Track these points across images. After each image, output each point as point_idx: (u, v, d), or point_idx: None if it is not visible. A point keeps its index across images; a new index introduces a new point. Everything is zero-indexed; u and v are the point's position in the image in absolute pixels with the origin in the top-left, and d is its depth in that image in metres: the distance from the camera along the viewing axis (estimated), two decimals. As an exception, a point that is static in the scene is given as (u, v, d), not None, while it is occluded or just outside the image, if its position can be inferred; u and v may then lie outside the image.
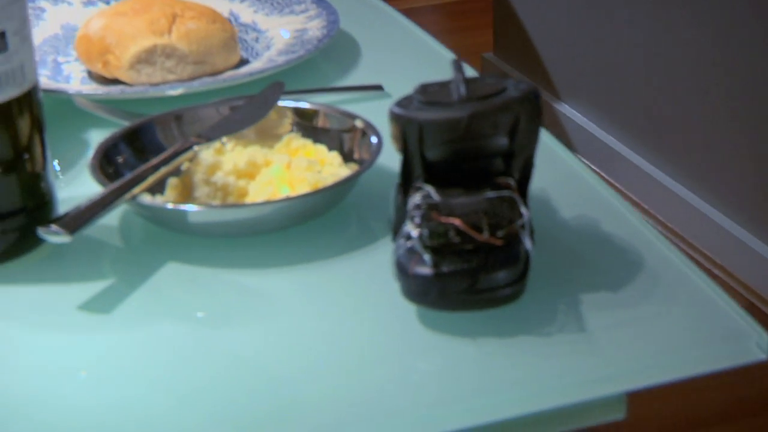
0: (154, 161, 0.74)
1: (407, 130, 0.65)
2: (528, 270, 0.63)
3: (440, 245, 0.62)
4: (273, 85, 0.86)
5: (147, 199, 0.72)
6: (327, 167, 0.77)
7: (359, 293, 0.69)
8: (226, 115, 0.81)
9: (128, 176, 0.72)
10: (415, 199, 0.64)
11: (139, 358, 0.65)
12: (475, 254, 0.62)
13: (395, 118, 0.66)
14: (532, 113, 0.65)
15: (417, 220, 0.62)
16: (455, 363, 0.63)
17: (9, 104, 0.69)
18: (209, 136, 0.77)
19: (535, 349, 0.62)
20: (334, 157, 0.79)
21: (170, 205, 0.72)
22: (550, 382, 0.61)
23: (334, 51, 1.03)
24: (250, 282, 0.71)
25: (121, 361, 0.65)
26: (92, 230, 0.75)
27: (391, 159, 0.72)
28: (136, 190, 0.71)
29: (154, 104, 0.91)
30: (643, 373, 0.60)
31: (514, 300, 0.63)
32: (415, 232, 0.63)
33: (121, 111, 0.89)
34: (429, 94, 0.67)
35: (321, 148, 0.79)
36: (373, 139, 0.76)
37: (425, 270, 0.63)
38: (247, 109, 0.82)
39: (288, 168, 0.76)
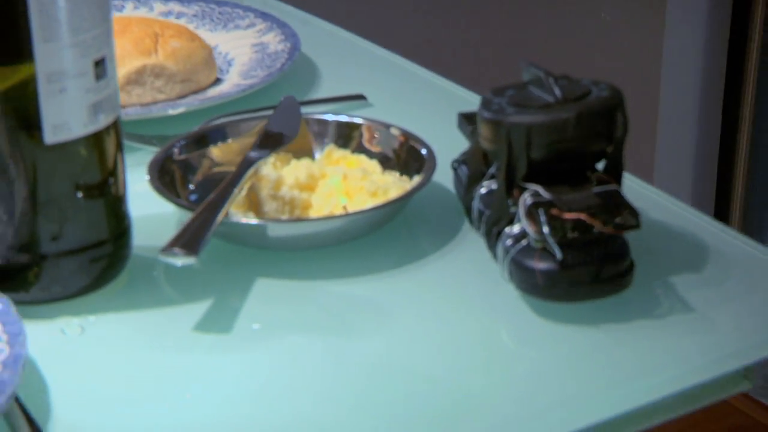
0: (230, 178, 0.74)
1: (513, 134, 0.68)
2: (631, 257, 0.68)
3: (564, 240, 0.66)
4: (288, 100, 0.87)
5: (237, 216, 0.73)
6: (374, 176, 0.80)
7: (460, 294, 0.72)
8: (266, 132, 0.81)
9: (215, 195, 0.72)
10: (526, 198, 0.68)
11: (276, 374, 0.65)
12: (595, 245, 0.66)
13: (496, 123, 0.69)
14: (624, 113, 0.69)
15: (542, 217, 0.66)
16: (582, 353, 0.66)
17: (105, 130, 0.68)
18: (263, 152, 0.78)
19: (652, 334, 0.67)
20: (375, 165, 0.81)
21: (263, 221, 0.73)
22: (677, 365, 0.65)
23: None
24: (350, 291, 0.72)
25: (260, 377, 0.65)
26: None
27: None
28: (226, 208, 0.71)
29: (147, 125, 0.91)
30: (763, 345, 0.66)
31: (629, 286, 0.68)
32: (532, 230, 0.67)
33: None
34: (519, 97, 0.70)
35: (361, 158, 0.82)
36: (423, 151, 0.79)
37: (552, 265, 0.66)
38: (281, 124, 0.83)
39: (345, 179, 0.78)
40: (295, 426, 0.62)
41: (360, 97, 0.98)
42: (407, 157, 0.81)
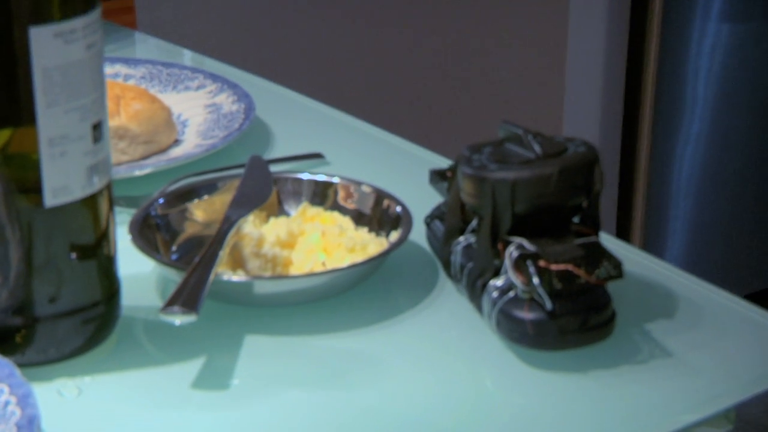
0: (216, 237, 0.75)
1: (497, 189, 0.71)
2: (611, 306, 0.71)
3: (551, 290, 0.68)
4: (255, 159, 0.89)
5: (226, 274, 0.74)
6: (350, 232, 0.82)
7: (445, 344, 0.74)
8: (241, 191, 0.83)
9: (205, 253, 0.73)
10: (512, 251, 0.70)
11: (273, 429, 0.67)
12: (581, 295, 0.69)
13: (480, 179, 0.72)
14: (601, 168, 0.72)
15: (531, 269, 0.68)
16: (569, 399, 0.69)
17: (100, 192, 0.68)
18: (241, 213, 0.79)
19: (636, 378, 0.70)
20: (349, 222, 0.83)
21: (256, 279, 0.75)
22: (662, 408, 0.68)
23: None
24: (337, 345, 0.74)
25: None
26: (145, 312, 0.76)
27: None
28: (217, 265, 0.72)
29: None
30: (748, 385, 0.69)
31: (611, 334, 0.71)
32: (519, 281, 0.69)
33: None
34: (499, 154, 0.73)
35: (335, 215, 0.83)
36: (398, 208, 0.81)
37: (541, 314, 0.69)
38: (253, 183, 0.84)
39: (323, 236, 0.80)
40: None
41: (317, 156, 1.00)
42: (380, 214, 0.83)
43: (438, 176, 0.82)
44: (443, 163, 0.98)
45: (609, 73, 2.15)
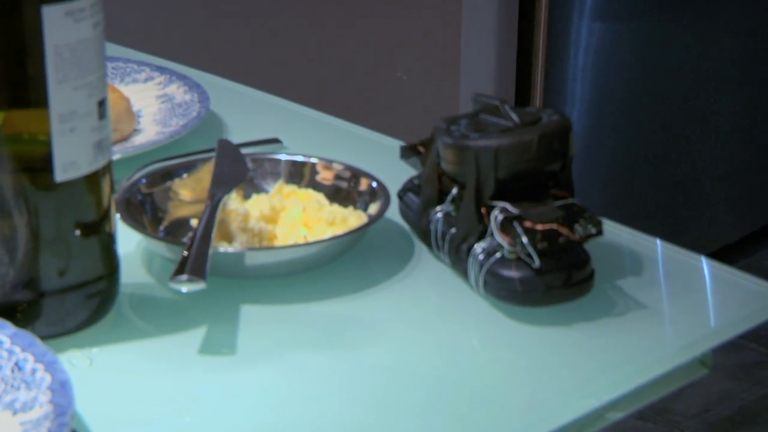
0: (208, 212, 0.77)
1: (480, 157, 0.75)
2: (589, 262, 0.76)
3: (536, 249, 0.73)
4: (223, 142, 0.91)
5: (222, 247, 0.77)
6: (327, 207, 0.85)
7: (432, 306, 0.78)
8: (218, 171, 0.85)
9: (202, 226, 0.75)
10: (497, 215, 0.74)
11: (282, 388, 0.70)
12: (564, 253, 0.74)
13: (462, 147, 0.76)
14: (571, 135, 0.77)
15: (518, 229, 0.73)
16: (553, 352, 0.73)
17: (103, 168, 0.71)
18: (225, 190, 0.82)
19: (616, 330, 0.74)
20: (323, 198, 0.86)
21: (251, 249, 0.78)
22: (643, 357, 0.73)
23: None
24: (331, 311, 0.77)
25: (268, 392, 0.69)
26: (139, 288, 0.78)
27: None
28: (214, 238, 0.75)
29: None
30: (718, 332, 0.74)
31: (591, 289, 0.75)
32: (506, 242, 0.73)
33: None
34: (477, 124, 0.77)
35: (309, 192, 0.87)
36: (373, 184, 0.85)
37: (529, 272, 0.73)
38: (229, 164, 0.87)
39: (304, 211, 0.83)
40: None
41: (275, 141, 1.03)
42: (353, 190, 0.86)
43: (409, 151, 0.86)
44: (391, 143, 1.02)
45: (500, 71, 2.22)
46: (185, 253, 0.72)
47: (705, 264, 0.82)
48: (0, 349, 0.64)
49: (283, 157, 0.88)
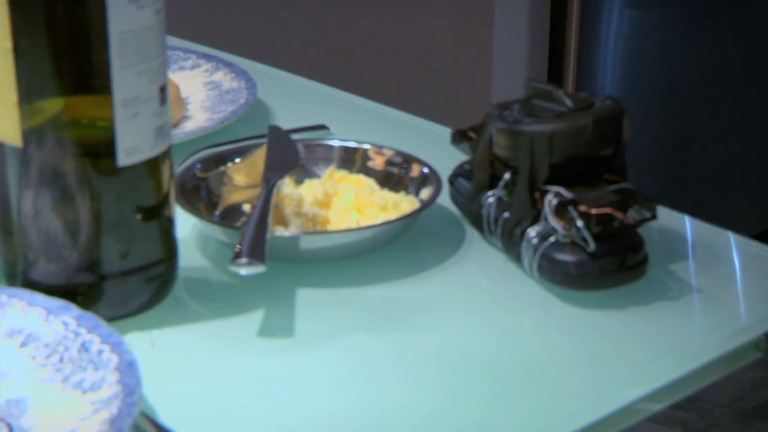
0: (264, 196, 0.78)
1: (535, 141, 0.75)
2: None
3: (591, 233, 0.73)
4: (274, 128, 0.92)
5: (278, 231, 0.78)
6: (377, 192, 0.86)
7: (486, 290, 0.79)
8: (271, 156, 0.86)
9: (258, 211, 0.76)
10: (551, 199, 0.75)
11: (342, 370, 0.71)
12: (618, 237, 0.74)
13: (516, 132, 0.76)
14: (624, 120, 0.77)
15: (574, 213, 0.73)
16: (606, 335, 0.74)
17: (164, 153, 0.71)
18: (279, 174, 0.83)
19: (670, 315, 0.75)
20: (374, 184, 0.87)
21: (316, 233, 0.79)
22: (697, 341, 0.73)
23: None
24: (387, 294, 0.78)
25: (329, 374, 0.70)
26: (194, 271, 0.79)
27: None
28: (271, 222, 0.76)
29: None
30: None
31: (646, 273, 0.76)
32: (560, 226, 0.74)
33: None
34: (530, 109, 0.78)
35: (360, 177, 0.87)
36: (424, 169, 0.85)
37: (584, 256, 0.74)
38: (281, 150, 0.88)
39: (356, 196, 0.84)
40: (370, 414, 0.67)
41: (322, 127, 1.03)
42: (404, 175, 0.87)
43: (460, 136, 0.86)
44: (436, 129, 1.02)
45: (532, 58, 2.22)
46: (244, 236, 0.73)
47: (757, 249, 0.82)
48: (66, 331, 0.65)
49: (335, 142, 0.89)
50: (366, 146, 0.88)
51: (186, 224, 0.82)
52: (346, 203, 0.83)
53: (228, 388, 0.69)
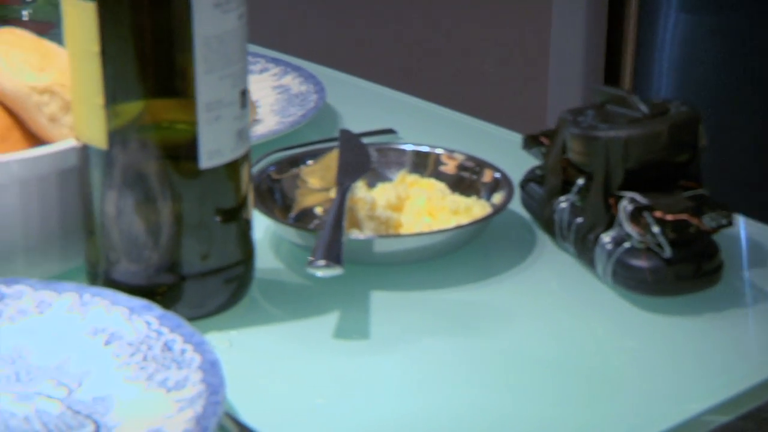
0: (338, 200, 0.79)
1: (610, 147, 0.76)
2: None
3: (670, 239, 0.73)
4: (345, 132, 0.93)
5: (353, 234, 0.78)
6: (449, 197, 0.86)
7: (558, 295, 0.79)
8: (344, 160, 0.87)
9: (333, 214, 0.77)
10: (625, 205, 0.75)
11: (415, 372, 0.71)
12: (693, 244, 0.74)
13: (591, 138, 0.77)
14: (700, 126, 0.78)
15: (649, 219, 0.73)
16: (680, 341, 0.74)
17: (244, 156, 0.72)
18: (352, 178, 0.84)
19: (744, 322, 0.75)
20: (444, 188, 0.88)
21: (393, 236, 0.79)
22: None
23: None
24: (460, 298, 0.78)
25: (403, 376, 0.71)
26: (268, 273, 0.80)
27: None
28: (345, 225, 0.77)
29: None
30: None
31: (721, 280, 0.76)
32: (636, 232, 0.74)
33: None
34: (604, 115, 0.78)
35: (431, 181, 0.88)
36: (496, 174, 0.86)
37: (659, 262, 0.74)
38: (354, 154, 0.89)
39: (428, 200, 0.84)
40: (441, 416, 0.67)
41: (390, 132, 1.04)
42: (475, 179, 0.87)
43: (532, 141, 0.87)
44: (508, 135, 1.03)
45: (589, 65, 2.22)
46: (320, 239, 0.74)
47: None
48: (148, 330, 0.67)
49: (408, 147, 0.90)
50: (438, 151, 0.89)
51: (259, 226, 0.83)
52: (419, 207, 0.84)
53: (304, 389, 0.70)
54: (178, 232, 0.71)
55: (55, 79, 0.75)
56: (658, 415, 0.68)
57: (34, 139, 0.77)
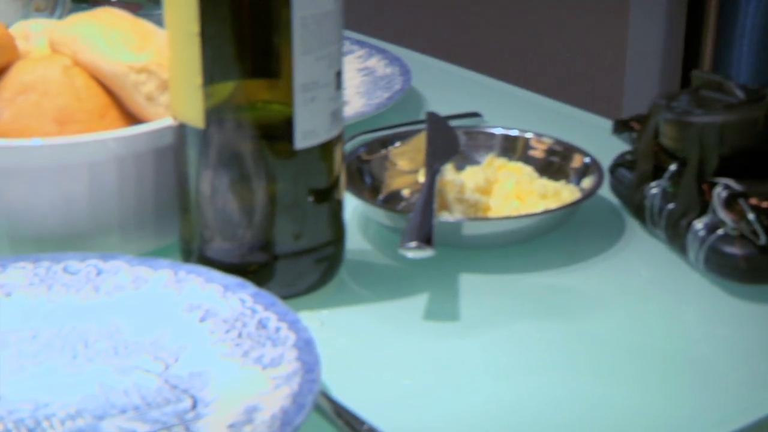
0: (428, 183, 0.79)
1: (704, 133, 0.75)
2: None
3: (765, 226, 0.73)
4: (432, 115, 0.93)
5: (443, 217, 0.79)
6: (537, 180, 0.86)
7: (648, 280, 0.79)
8: (433, 142, 0.87)
9: (424, 196, 0.77)
10: (719, 191, 0.74)
11: (506, 356, 0.71)
12: (788, 231, 0.74)
13: (685, 124, 0.76)
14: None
15: (746, 206, 0.73)
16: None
17: (338, 137, 0.73)
18: (442, 160, 0.84)
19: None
20: (532, 172, 0.87)
21: (483, 219, 0.79)
22: None
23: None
24: (548, 282, 0.78)
25: (494, 359, 0.71)
26: (356, 254, 0.80)
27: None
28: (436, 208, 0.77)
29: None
30: None
31: (814, 268, 0.75)
32: (730, 218, 0.73)
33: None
34: (699, 100, 0.77)
35: (519, 165, 0.88)
36: (585, 159, 0.85)
37: (753, 250, 0.73)
38: (442, 136, 0.89)
39: (516, 183, 0.84)
40: (530, 400, 0.67)
41: (475, 115, 1.04)
42: (563, 164, 0.87)
43: (622, 126, 0.86)
44: (597, 121, 1.02)
45: (668, 51, 2.20)
46: (411, 221, 0.74)
47: None
48: (243, 307, 0.67)
49: (497, 130, 0.90)
50: (528, 135, 0.89)
51: (347, 207, 0.83)
52: (507, 190, 0.84)
53: (392, 369, 0.70)
54: (272, 212, 0.72)
55: (153, 58, 0.76)
56: (751, 405, 0.67)
57: (131, 117, 0.78)
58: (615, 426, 0.65)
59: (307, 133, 0.70)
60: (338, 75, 0.71)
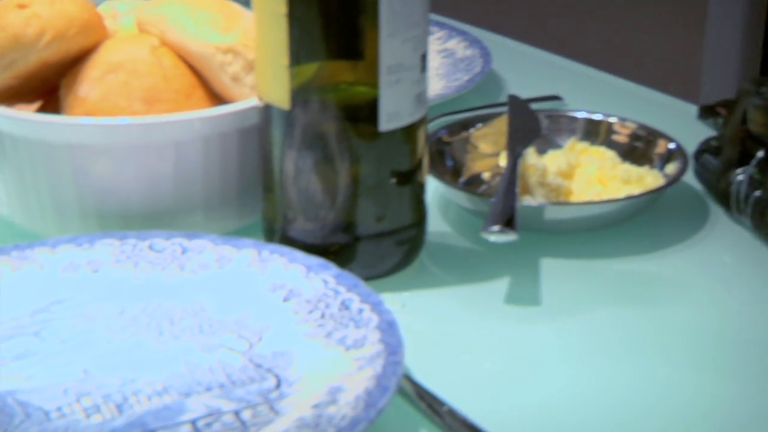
0: (510, 167, 0.79)
1: (795, 119, 0.74)
2: None
3: None
4: (513, 98, 0.93)
5: (526, 200, 0.78)
6: (620, 165, 0.85)
7: (732, 267, 0.78)
8: (515, 125, 0.87)
9: (506, 180, 0.77)
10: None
11: (587, 342, 0.71)
12: None
13: (775, 110, 0.75)
14: None
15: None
16: None
17: (421, 119, 0.73)
18: (524, 144, 0.83)
19: None
20: (614, 156, 0.87)
21: (569, 204, 0.79)
22: None
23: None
24: (629, 268, 0.78)
25: (573, 345, 0.70)
26: (436, 236, 0.80)
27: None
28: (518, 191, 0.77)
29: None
30: None
31: None
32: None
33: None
34: (785, 87, 0.76)
35: (601, 149, 0.87)
36: (670, 145, 0.85)
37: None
38: (523, 119, 0.88)
39: (599, 168, 0.84)
40: (610, 386, 0.67)
41: (556, 98, 1.03)
42: (647, 149, 0.86)
43: (708, 111, 0.85)
44: (680, 106, 1.01)
45: (746, 37, 2.16)
46: (494, 204, 0.74)
47: None
48: (326, 288, 0.68)
49: (580, 114, 0.89)
50: (611, 119, 0.88)
51: (427, 189, 0.83)
52: (589, 175, 0.83)
53: (473, 353, 0.70)
54: (355, 193, 0.72)
55: (239, 39, 0.77)
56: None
57: (217, 97, 0.79)
58: (695, 415, 0.64)
59: (392, 115, 0.70)
60: (423, 58, 0.71)
